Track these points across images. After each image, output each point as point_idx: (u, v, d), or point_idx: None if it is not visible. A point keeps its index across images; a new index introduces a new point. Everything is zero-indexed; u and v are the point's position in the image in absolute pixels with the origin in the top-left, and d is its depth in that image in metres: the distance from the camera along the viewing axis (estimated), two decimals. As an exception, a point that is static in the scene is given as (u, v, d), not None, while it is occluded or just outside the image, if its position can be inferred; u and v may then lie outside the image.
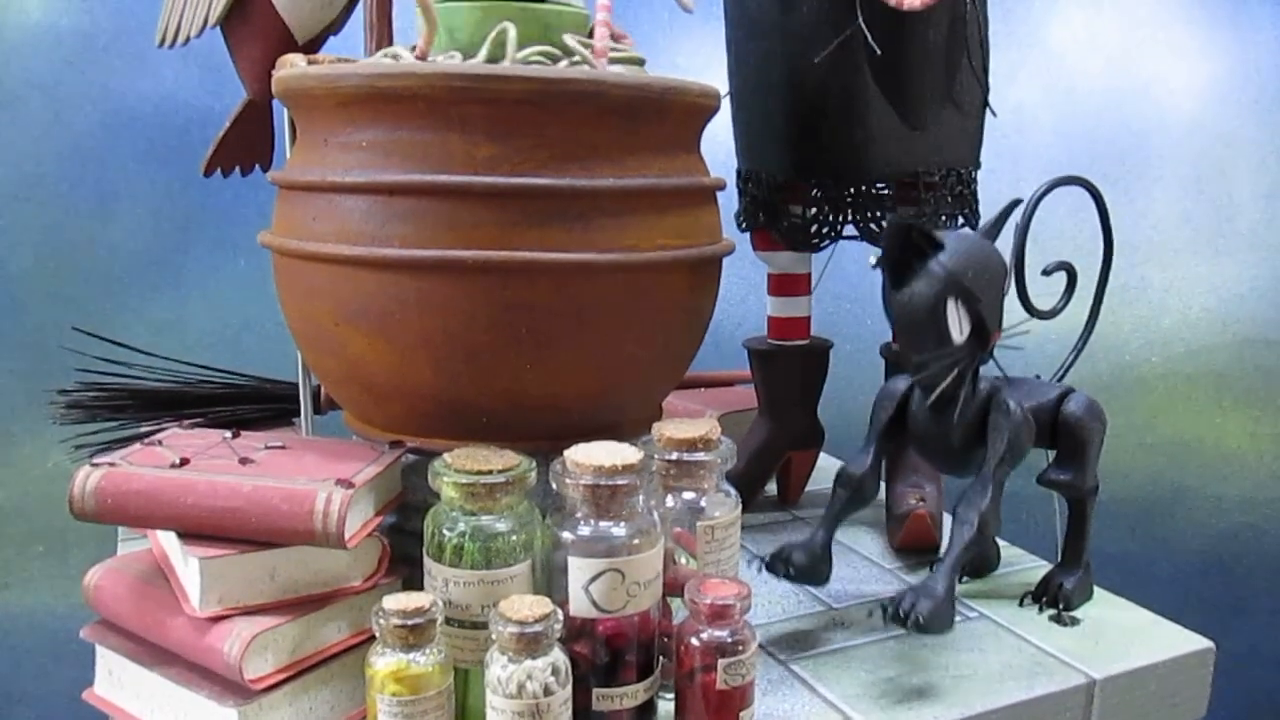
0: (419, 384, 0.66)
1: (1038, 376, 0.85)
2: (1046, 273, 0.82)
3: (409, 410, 0.69)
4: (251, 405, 0.95)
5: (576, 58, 0.68)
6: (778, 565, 0.74)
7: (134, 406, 0.93)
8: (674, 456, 0.65)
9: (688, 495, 0.66)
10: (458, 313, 0.63)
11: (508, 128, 0.62)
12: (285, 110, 0.76)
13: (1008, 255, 0.77)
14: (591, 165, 0.63)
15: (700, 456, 0.65)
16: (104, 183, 1.70)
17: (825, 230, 0.89)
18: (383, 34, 0.74)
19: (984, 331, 0.70)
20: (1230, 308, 1.68)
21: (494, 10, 0.69)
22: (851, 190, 0.87)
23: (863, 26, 0.81)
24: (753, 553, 0.90)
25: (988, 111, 0.94)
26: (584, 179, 0.63)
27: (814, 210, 0.89)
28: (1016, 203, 0.75)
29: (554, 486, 0.61)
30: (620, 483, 0.59)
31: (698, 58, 1.57)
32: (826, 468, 1.08)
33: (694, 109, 0.69)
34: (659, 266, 0.66)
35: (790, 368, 0.99)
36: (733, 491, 0.69)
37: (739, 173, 0.96)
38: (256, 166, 0.91)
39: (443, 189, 0.62)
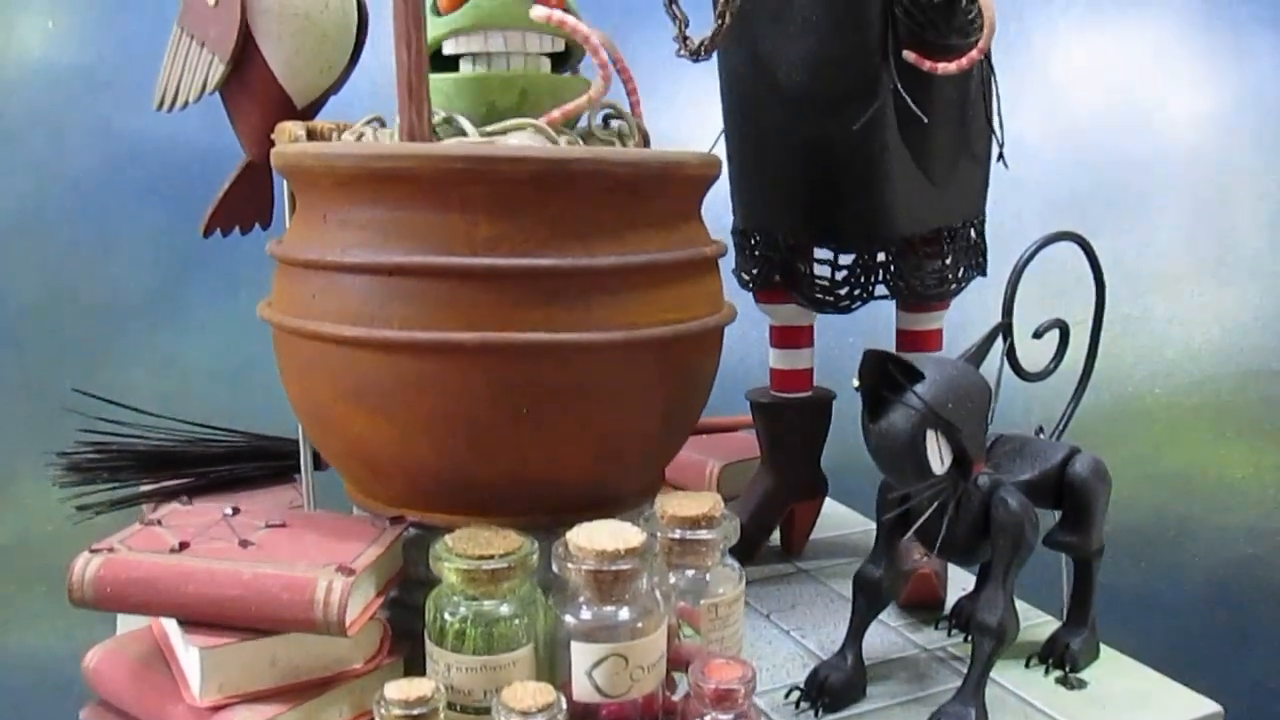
0: (419, 461, 0.66)
1: (1039, 430, 0.84)
2: (1038, 335, 0.81)
3: (410, 485, 0.68)
4: (251, 464, 0.95)
5: (576, 133, 0.68)
6: (813, 694, 0.71)
7: (134, 467, 0.92)
8: (677, 535, 0.65)
9: (691, 572, 0.66)
10: (458, 393, 0.62)
11: (509, 207, 0.62)
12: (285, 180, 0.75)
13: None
14: (592, 243, 0.63)
15: (703, 535, 0.65)
16: (105, 219, 1.70)
17: (857, 292, 0.88)
18: (422, 99, 0.70)
19: (966, 461, 0.69)
20: (1233, 338, 1.68)
21: (490, 80, 0.69)
22: (881, 251, 0.87)
23: (902, 92, 0.80)
24: (759, 611, 0.90)
25: (994, 160, 0.94)
26: (585, 258, 0.62)
27: (844, 273, 0.88)
28: (1002, 327, 0.74)
29: (555, 570, 0.61)
30: (623, 568, 0.59)
31: (697, 89, 1.56)
32: (830, 513, 1.07)
33: (694, 181, 0.69)
34: (660, 341, 0.66)
35: (793, 420, 0.98)
36: (737, 566, 0.68)
37: (741, 231, 0.95)
38: (256, 225, 0.90)
39: (443, 270, 0.61)
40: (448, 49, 0.70)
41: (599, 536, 0.60)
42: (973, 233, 0.91)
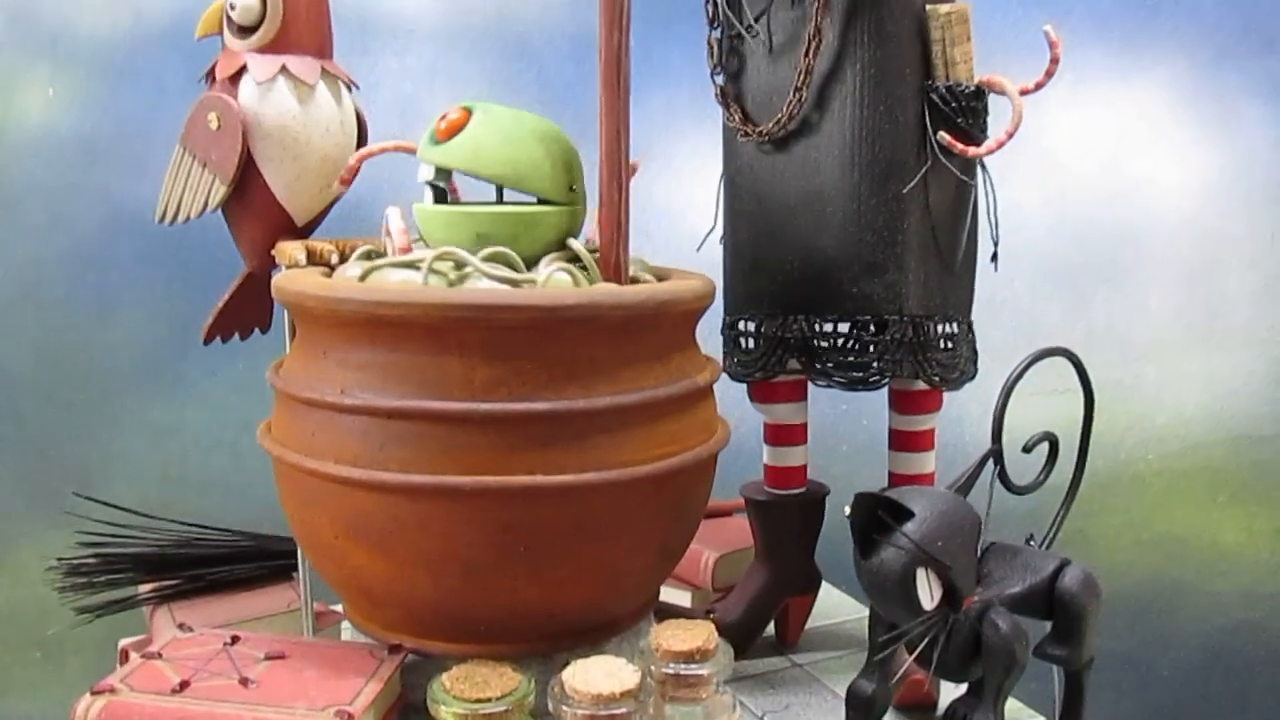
0: (417, 595, 0.67)
1: (1030, 539, 0.85)
2: (1027, 449, 0.82)
3: (408, 615, 0.69)
4: (249, 564, 0.95)
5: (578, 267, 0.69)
6: None
7: (132, 570, 0.93)
8: (671, 670, 0.65)
9: (685, 706, 0.66)
10: (456, 533, 0.63)
11: (506, 352, 0.63)
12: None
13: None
14: (589, 384, 0.64)
15: (696, 670, 0.65)
16: (103, 285, 1.71)
17: (884, 368, 0.88)
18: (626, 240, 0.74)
19: (957, 596, 0.70)
20: (1224, 404, 1.69)
21: (474, 215, 0.70)
22: (891, 326, 0.87)
23: (946, 161, 0.83)
24: (754, 712, 0.90)
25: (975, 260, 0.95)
26: (581, 400, 0.63)
27: (871, 349, 0.87)
28: (991, 453, 0.76)
29: (551, 709, 0.61)
30: (619, 711, 0.60)
31: (694, 155, 1.58)
32: (825, 597, 1.08)
33: (689, 314, 0.70)
34: (657, 476, 0.67)
35: (787, 516, 0.99)
36: (729, 692, 0.69)
37: (736, 321, 0.95)
38: (255, 330, 0.91)
39: (441, 415, 0.62)
40: (440, 180, 0.72)
41: (594, 677, 0.61)
42: (971, 332, 0.93)
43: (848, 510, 0.68)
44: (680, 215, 1.62)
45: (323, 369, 0.66)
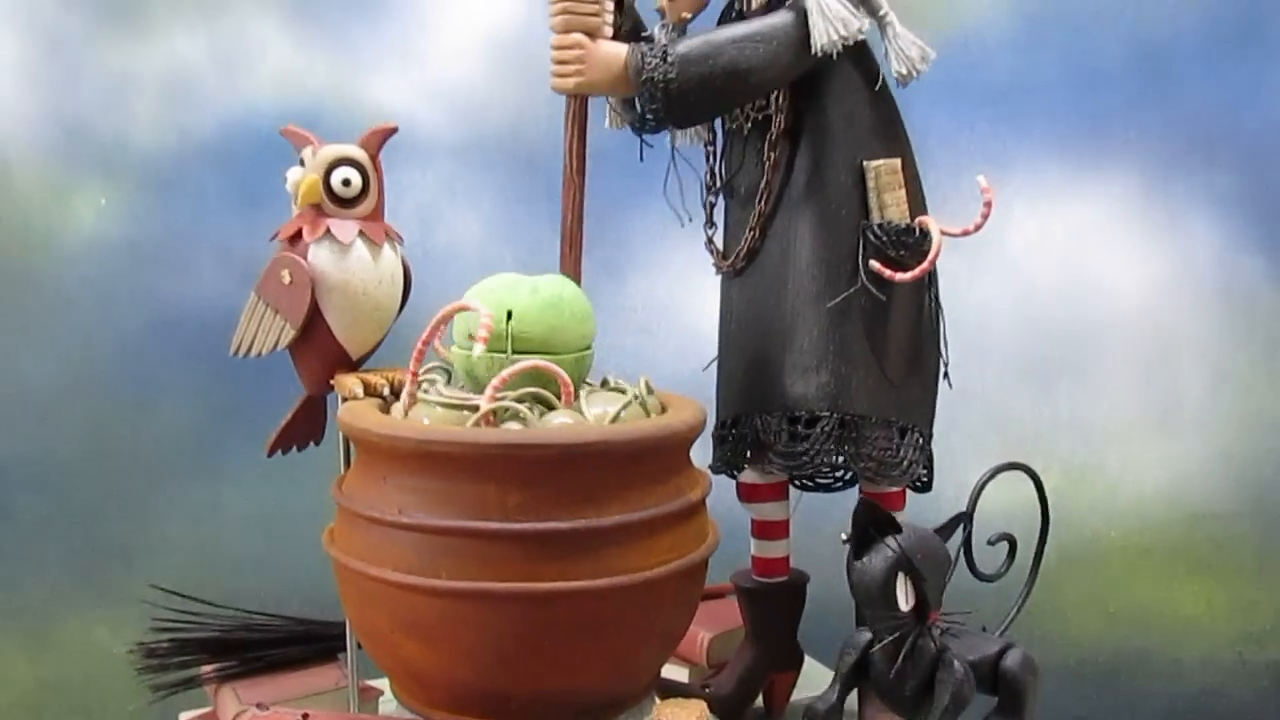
0: (458, 678, 0.80)
1: (984, 628, 0.99)
2: (991, 543, 0.97)
3: (448, 694, 0.83)
4: (300, 646, 1.08)
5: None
6: None
7: (200, 653, 1.06)
8: (671, 746, 0.79)
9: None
10: (493, 629, 0.77)
11: (534, 481, 0.77)
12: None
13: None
14: (601, 505, 0.78)
15: (693, 746, 0.79)
16: (148, 379, 1.86)
17: (820, 458, 1.00)
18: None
19: (925, 607, 0.85)
20: (1180, 485, 1.83)
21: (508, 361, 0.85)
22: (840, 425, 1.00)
23: (871, 287, 0.97)
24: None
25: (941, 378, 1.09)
26: (595, 519, 0.78)
27: (804, 441, 1.00)
28: (963, 516, 0.90)
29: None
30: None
31: (689, 264, 1.73)
32: (809, 672, 1.21)
33: (684, 442, 0.85)
34: (658, 580, 0.81)
35: (773, 602, 1.13)
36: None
37: (722, 424, 1.09)
38: (311, 443, 1.06)
39: (481, 532, 0.77)
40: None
41: (607, 749, 0.75)
42: (920, 439, 1.06)
43: (844, 536, 0.84)
44: (678, 312, 1.77)
45: (383, 492, 0.81)
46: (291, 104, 1.90)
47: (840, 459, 1.04)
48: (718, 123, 1.08)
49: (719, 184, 1.08)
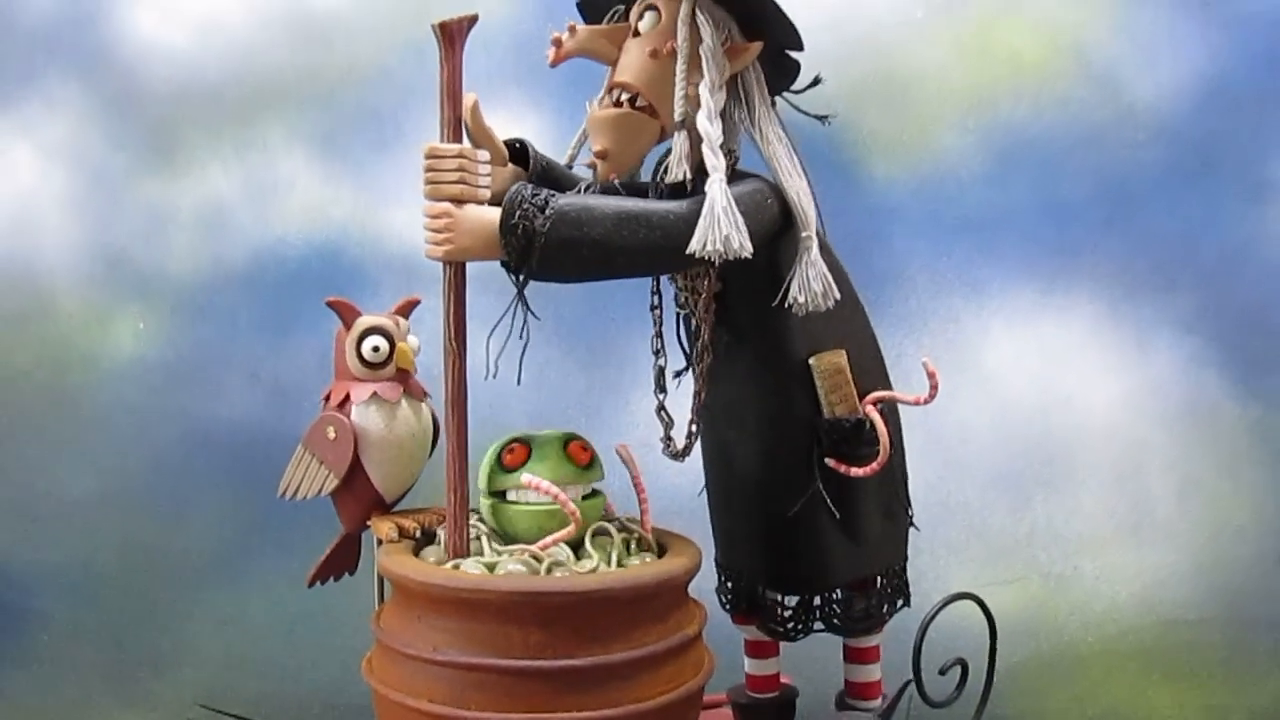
0: (485, 797, 0.91)
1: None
2: (942, 672, 1.07)
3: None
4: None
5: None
6: None
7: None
8: None
9: None
10: (515, 754, 0.88)
11: (551, 622, 0.89)
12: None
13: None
14: (608, 644, 0.90)
15: None
16: (180, 494, 1.96)
17: (800, 627, 1.12)
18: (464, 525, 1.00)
19: None
20: (1153, 592, 1.91)
21: (535, 513, 0.97)
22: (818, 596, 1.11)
23: (822, 490, 1.04)
24: None
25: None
26: (603, 656, 0.89)
27: (790, 611, 1.11)
28: (909, 683, 1.01)
29: None
30: None
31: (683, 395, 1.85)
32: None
33: (682, 583, 0.96)
34: (660, 709, 0.92)
35: (765, 716, 1.23)
36: None
37: (718, 563, 1.21)
38: (346, 573, 1.17)
39: (505, 669, 0.88)
40: (510, 495, 1.00)
41: None
42: (896, 579, 1.17)
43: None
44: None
45: (418, 631, 0.92)
46: (317, 234, 2.03)
47: (821, 624, 1.13)
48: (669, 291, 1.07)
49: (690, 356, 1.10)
